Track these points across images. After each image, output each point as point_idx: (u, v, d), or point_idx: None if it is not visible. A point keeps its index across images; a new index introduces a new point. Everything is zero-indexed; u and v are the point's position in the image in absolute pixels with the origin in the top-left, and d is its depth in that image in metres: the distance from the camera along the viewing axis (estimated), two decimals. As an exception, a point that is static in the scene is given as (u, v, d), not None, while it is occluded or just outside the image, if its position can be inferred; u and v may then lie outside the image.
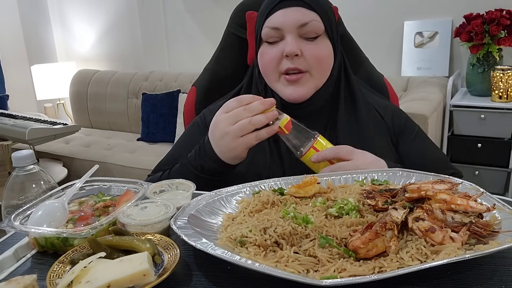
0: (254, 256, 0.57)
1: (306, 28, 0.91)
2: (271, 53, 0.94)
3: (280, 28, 0.92)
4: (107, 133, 3.58)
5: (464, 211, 0.62)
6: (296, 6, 0.91)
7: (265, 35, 0.94)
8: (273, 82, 0.97)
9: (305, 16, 0.91)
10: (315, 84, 0.95)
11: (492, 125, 2.42)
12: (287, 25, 0.91)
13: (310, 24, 0.91)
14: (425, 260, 0.54)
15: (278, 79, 0.95)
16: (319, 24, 0.92)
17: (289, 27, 0.91)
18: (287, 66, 0.92)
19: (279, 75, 0.95)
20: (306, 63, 0.92)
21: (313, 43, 0.93)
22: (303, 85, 0.94)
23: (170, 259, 0.57)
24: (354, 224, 0.63)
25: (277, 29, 0.92)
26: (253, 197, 0.74)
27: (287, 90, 0.94)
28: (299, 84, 0.93)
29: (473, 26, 2.42)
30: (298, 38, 0.92)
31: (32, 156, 0.79)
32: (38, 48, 3.97)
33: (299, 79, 0.93)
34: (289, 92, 0.94)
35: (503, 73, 2.41)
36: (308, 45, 0.92)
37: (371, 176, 0.82)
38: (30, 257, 0.65)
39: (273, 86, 0.97)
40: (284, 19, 0.91)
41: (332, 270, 0.53)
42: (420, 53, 2.84)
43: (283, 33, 0.92)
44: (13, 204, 0.78)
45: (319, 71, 0.94)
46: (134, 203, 0.71)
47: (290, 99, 0.95)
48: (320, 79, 0.96)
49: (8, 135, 2.42)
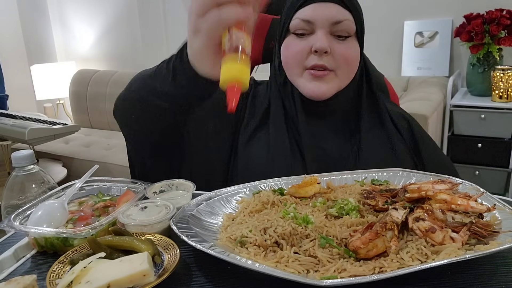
0: (254, 256, 0.57)
1: (338, 26, 0.88)
2: (298, 46, 0.90)
3: (312, 21, 0.88)
4: (107, 133, 3.57)
5: (465, 211, 0.62)
6: (331, 2, 0.88)
7: (294, 26, 0.90)
8: (295, 76, 0.93)
9: (340, 14, 0.88)
10: (339, 84, 0.92)
11: (492, 125, 2.43)
12: (320, 19, 0.88)
13: (344, 23, 0.89)
14: (425, 260, 0.54)
15: (302, 73, 0.92)
16: (351, 24, 0.90)
17: (322, 22, 0.88)
18: (314, 62, 0.89)
19: (303, 70, 0.91)
20: (334, 62, 0.89)
21: (343, 43, 0.90)
22: (326, 82, 0.90)
23: (170, 259, 0.57)
24: (354, 224, 0.63)
25: (309, 22, 0.88)
26: (253, 197, 0.74)
27: (309, 86, 0.91)
28: (323, 81, 0.90)
29: (473, 26, 2.42)
30: (329, 35, 0.89)
31: (32, 156, 0.79)
32: (38, 48, 3.97)
33: (324, 76, 0.90)
34: (312, 87, 0.90)
35: (503, 73, 2.41)
36: (338, 44, 0.89)
37: (371, 176, 0.82)
38: (30, 257, 0.65)
39: (295, 80, 0.93)
40: (318, 13, 0.88)
41: (332, 270, 0.53)
42: (420, 53, 2.84)
43: (314, 28, 0.89)
44: (13, 204, 0.78)
45: (345, 72, 0.92)
46: (134, 203, 0.71)
47: (312, 96, 0.92)
48: (344, 80, 0.93)
49: (8, 135, 2.42)
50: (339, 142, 0.95)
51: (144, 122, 0.85)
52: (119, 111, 0.89)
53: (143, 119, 0.84)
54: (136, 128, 0.87)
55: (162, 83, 0.77)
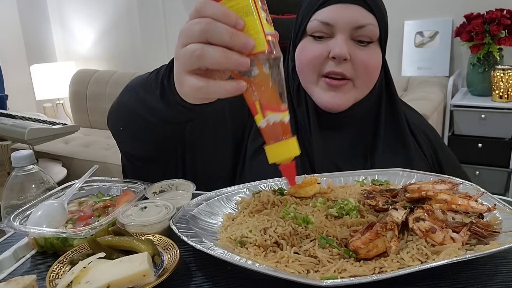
0: (254, 256, 0.57)
1: (361, 31, 0.81)
2: (315, 50, 0.83)
3: (332, 24, 0.81)
4: (107, 133, 3.55)
5: (465, 211, 0.62)
6: (354, 4, 0.81)
7: (312, 28, 0.83)
8: (310, 84, 0.86)
9: (363, 17, 0.81)
10: (357, 95, 0.86)
11: (492, 125, 2.43)
12: (341, 23, 0.81)
13: (366, 28, 0.81)
14: (425, 260, 0.54)
15: (317, 81, 0.85)
16: (375, 29, 0.83)
17: (343, 26, 0.81)
18: (331, 68, 0.82)
19: (318, 77, 0.84)
20: (353, 70, 0.82)
21: (364, 49, 0.83)
22: (343, 93, 0.84)
23: (170, 260, 0.57)
24: (354, 224, 0.63)
25: (328, 24, 0.81)
26: (253, 197, 0.74)
27: (325, 96, 0.84)
28: (339, 91, 0.83)
29: (474, 25, 2.42)
30: (349, 40, 0.82)
31: (32, 156, 0.79)
32: (38, 48, 3.97)
33: (341, 86, 0.83)
34: (327, 98, 0.84)
35: (504, 73, 2.41)
36: (359, 50, 0.82)
37: (371, 176, 0.82)
38: (30, 257, 0.65)
39: (309, 88, 0.86)
40: (339, 16, 0.81)
41: (332, 271, 0.53)
42: (421, 53, 2.84)
43: (334, 31, 0.82)
44: (13, 204, 0.78)
45: (364, 82, 0.85)
46: (134, 203, 0.70)
47: (327, 107, 0.85)
48: (363, 90, 0.86)
49: (7, 135, 2.42)
50: (353, 159, 0.88)
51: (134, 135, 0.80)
52: (110, 120, 0.84)
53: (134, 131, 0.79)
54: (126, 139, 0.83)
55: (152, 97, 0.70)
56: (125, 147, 0.86)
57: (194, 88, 0.55)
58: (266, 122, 0.54)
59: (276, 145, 0.55)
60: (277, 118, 0.54)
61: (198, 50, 0.52)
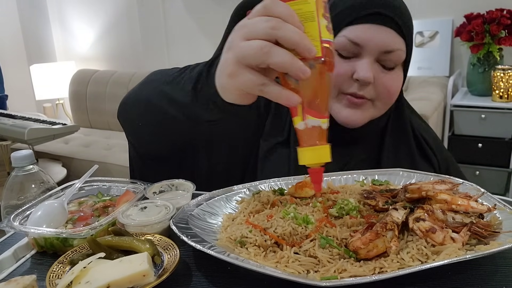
0: (254, 256, 0.57)
1: (388, 55, 0.79)
2: (339, 68, 0.79)
3: (362, 45, 0.78)
4: (107, 133, 3.57)
5: (465, 211, 0.62)
6: (386, 26, 0.78)
7: (340, 45, 0.79)
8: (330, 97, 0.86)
9: (393, 42, 0.79)
10: (374, 113, 0.85)
11: (492, 125, 2.43)
12: (370, 45, 0.78)
13: (395, 53, 0.80)
14: (425, 260, 0.54)
15: (337, 96, 0.83)
16: (402, 54, 0.81)
17: (372, 48, 0.78)
18: (353, 90, 0.81)
19: (339, 93, 0.83)
20: (374, 92, 0.82)
21: (388, 73, 0.82)
22: (362, 111, 0.83)
23: (170, 260, 0.57)
24: (354, 224, 0.63)
25: (357, 45, 0.78)
26: (253, 197, 0.74)
27: (344, 112, 0.83)
28: (358, 109, 0.83)
29: (474, 25, 2.42)
30: (374, 63, 0.80)
31: (31, 156, 0.79)
32: (37, 48, 3.97)
33: (361, 105, 0.82)
34: (346, 115, 0.83)
35: (504, 73, 2.41)
36: (383, 74, 0.81)
37: (371, 176, 0.82)
38: (30, 257, 0.65)
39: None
40: (369, 38, 0.78)
41: (332, 271, 0.53)
42: (421, 53, 2.84)
43: (361, 52, 0.79)
44: (13, 204, 0.78)
45: (384, 103, 0.84)
46: (134, 203, 0.70)
47: (344, 123, 0.84)
48: (381, 110, 0.86)
49: (7, 135, 2.42)
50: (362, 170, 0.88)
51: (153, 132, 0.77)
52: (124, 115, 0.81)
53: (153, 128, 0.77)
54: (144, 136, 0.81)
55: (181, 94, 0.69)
56: (141, 144, 0.84)
57: (251, 81, 0.54)
58: (304, 125, 0.54)
59: (310, 148, 0.55)
60: (315, 123, 0.54)
61: (267, 47, 0.51)
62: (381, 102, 0.84)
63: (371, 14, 0.78)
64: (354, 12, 0.79)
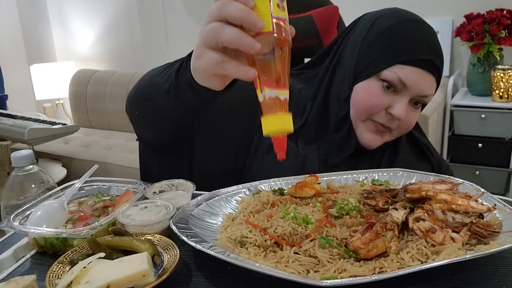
0: (254, 256, 0.57)
1: (422, 98, 0.86)
2: (380, 100, 0.85)
3: (408, 86, 0.83)
4: (107, 133, 3.57)
5: (465, 211, 0.62)
6: (430, 74, 0.83)
7: (388, 78, 0.83)
8: (358, 119, 0.89)
9: (430, 89, 0.85)
10: (389, 139, 0.92)
11: (492, 125, 2.42)
12: (414, 88, 0.83)
13: (428, 98, 0.87)
14: (425, 260, 0.54)
15: (365, 120, 0.89)
16: (431, 98, 0.88)
17: (414, 91, 0.84)
18: (383, 121, 0.87)
19: (368, 118, 0.88)
20: (397, 125, 0.88)
21: (414, 111, 0.88)
22: (382, 137, 0.90)
23: (170, 260, 0.57)
24: (354, 224, 0.63)
25: (404, 84, 0.83)
26: (253, 198, 0.74)
27: (367, 136, 0.89)
28: (379, 135, 0.89)
29: (474, 25, 2.42)
30: (408, 102, 0.86)
31: (31, 156, 0.79)
32: (37, 48, 3.97)
33: (383, 132, 0.89)
34: (369, 138, 0.89)
35: (504, 72, 2.41)
36: (410, 112, 0.87)
37: (371, 176, 0.82)
38: (30, 257, 0.65)
39: (355, 122, 0.90)
40: (416, 81, 0.83)
41: (332, 271, 0.53)
42: (420, 53, 2.83)
43: (403, 90, 0.84)
44: (13, 204, 0.78)
45: (400, 133, 0.91)
46: (134, 203, 0.70)
47: (364, 144, 0.90)
48: (395, 137, 0.92)
49: (7, 135, 2.42)
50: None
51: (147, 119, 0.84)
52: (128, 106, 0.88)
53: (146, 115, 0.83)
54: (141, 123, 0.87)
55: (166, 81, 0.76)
56: (141, 131, 0.90)
57: (212, 60, 0.59)
58: (263, 97, 0.57)
59: (271, 116, 0.58)
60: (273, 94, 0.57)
61: (218, 27, 0.56)
62: (398, 131, 0.91)
63: (424, 60, 0.82)
64: (411, 53, 0.82)
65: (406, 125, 0.89)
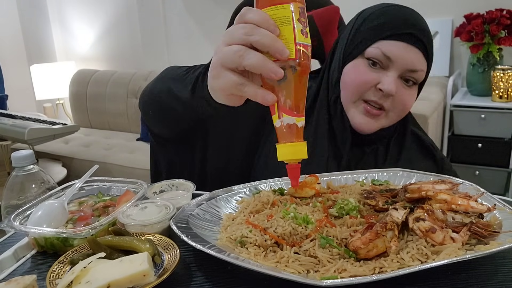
0: (254, 256, 0.57)
1: (412, 74, 0.86)
2: (367, 76, 0.86)
3: (392, 60, 0.84)
4: (107, 133, 3.57)
5: (465, 211, 0.62)
6: (416, 48, 0.85)
7: (372, 55, 0.86)
8: (348, 102, 0.90)
9: (419, 63, 0.86)
10: (385, 123, 0.91)
11: (492, 125, 2.43)
12: (400, 62, 0.85)
13: (418, 73, 0.87)
14: (425, 260, 0.54)
15: (355, 102, 0.89)
16: (423, 75, 0.88)
17: (401, 64, 0.85)
18: (374, 98, 0.87)
19: (358, 99, 0.89)
20: (391, 105, 0.88)
21: (407, 89, 0.88)
22: (375, 120, 0.89)
23: (170, 260, 0.57)
24: (354, 224, 0.63)
25: (388, 58, 0.85)
26: (253, 197, 0.74)
27: (359, 119, 0.89)
28: (373, 118, 0.89)
29: (474, 25, 2.42)
30: (398, 78, 0.86)
31: (32, 156, 0.79)
32: (37, 48, 3.97)
33: (377, 115, 0.88)
34: (361, 121, 0.89)
35: (504, 73, 2.41)
36: (403, 89, 0.87)
37: (371, 176, 0.82)
38: (30, 257, 0.65)
39: (346, 105, 0.91)
40: (401, 54, 0.84)
41: (332, 271, 0.53)
42: (420, 53, 2.83)
43: (390, 65, 0.85)
44: (13, 204, 0.78)
45: (396, 116, 0.91)
46: (134, 203, 0.70)
47: (358, 129, 0.90)
48: (393, 121, 0.92)
49: (7, 135, 2.42)
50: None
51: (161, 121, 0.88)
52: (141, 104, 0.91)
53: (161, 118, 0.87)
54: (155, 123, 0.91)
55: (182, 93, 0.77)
56: (154, 129, 0.93)
57: (231, 82, 0.60)
58: (280, 123, 0.58)
59: (287, 145, 0.59)
60: (291, 121, 0.58)
61: (241, 51, 0.57)
62: (394, 113, 0.90)
63: (406, 34, 0.84)
64: (392, 29, 0.85)
65: (401, 105, 0.88)
